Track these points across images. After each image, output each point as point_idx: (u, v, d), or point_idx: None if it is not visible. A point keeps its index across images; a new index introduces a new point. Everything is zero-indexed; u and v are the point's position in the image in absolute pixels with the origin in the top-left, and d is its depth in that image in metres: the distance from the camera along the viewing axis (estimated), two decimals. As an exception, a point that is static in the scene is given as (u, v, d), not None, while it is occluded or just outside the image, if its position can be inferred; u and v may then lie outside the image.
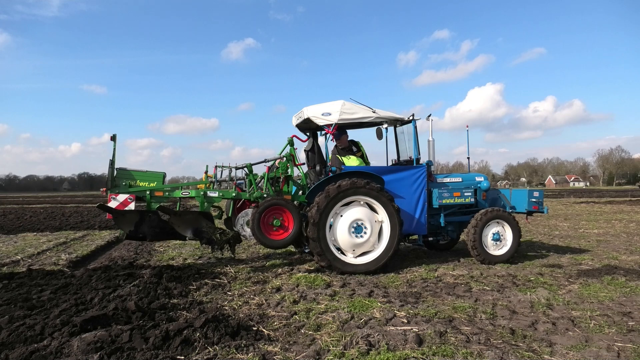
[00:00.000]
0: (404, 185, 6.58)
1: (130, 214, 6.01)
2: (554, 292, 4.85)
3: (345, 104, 6.46)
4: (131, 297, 4.31)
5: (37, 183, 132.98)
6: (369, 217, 6.09)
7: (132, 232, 6.14)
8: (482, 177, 7.46)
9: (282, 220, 5.95)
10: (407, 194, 6.58)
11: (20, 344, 3.20)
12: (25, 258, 7.23)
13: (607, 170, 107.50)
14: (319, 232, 5.85)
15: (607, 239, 9.24)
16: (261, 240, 5.89)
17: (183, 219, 6.29)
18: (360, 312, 4.11)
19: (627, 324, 3.79)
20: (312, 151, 7.11)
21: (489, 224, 6.71)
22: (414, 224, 6.62)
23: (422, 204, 6.63)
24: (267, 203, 5.88)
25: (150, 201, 6.04)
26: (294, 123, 7.29)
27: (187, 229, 6.32)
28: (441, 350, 3.16)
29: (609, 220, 13.46)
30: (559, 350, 3.24)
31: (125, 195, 5.82)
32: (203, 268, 6.15)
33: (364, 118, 6.60)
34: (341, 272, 5.89)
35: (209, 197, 6.24)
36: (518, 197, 7.42)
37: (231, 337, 3.34)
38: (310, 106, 6.64)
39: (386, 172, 6.58)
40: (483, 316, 4.04)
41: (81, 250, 8.17)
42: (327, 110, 6.43)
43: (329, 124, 6.43)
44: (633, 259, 6.86)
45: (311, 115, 6.51)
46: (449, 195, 6.79)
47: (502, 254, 6.73)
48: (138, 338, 3.19)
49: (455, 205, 7.01)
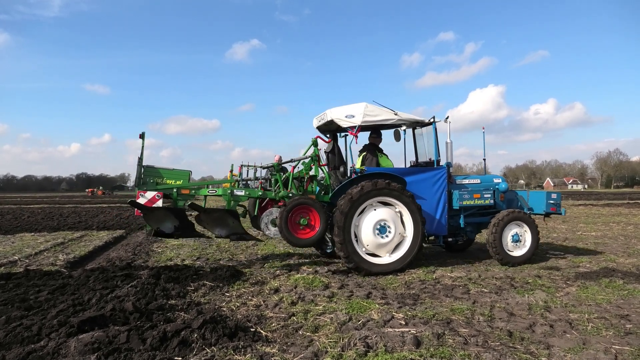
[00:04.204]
0: (425, 186, 6.68)
1: (159, 211, 6.14)
2: (551, 295, 4.86)
3: (368, 106, 6.54)
4: (129, 298, 4.31)
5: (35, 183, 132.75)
6: (392, 218, 6.20)
7: (159, 229, 6.25)
8: (499, 178, 7.57)
9: (309, 220, 6.06)
10: (428, 195, 6.68)
11: (17, 345, 3.19)
12: (23, 258, 7.22)
13: (605, 173, 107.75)
14: (345, 235, 5.96)
15: (604, 242, 9.26)
16: (288, 239, 5.98)
17: (212, 217, 6.47)
18: (358, 314, 4.11)
19: (624, 327, 3.79)
20: (332, 152, 7.26)
21: (508, 225, 6.80)
22: (435, 224, 6.70)
23: (442, 205, 6.72)
24: (294, 202, 5.98)
25: (177, 199, 6.17)
26: (315, 125, 7.42)
27: (216, 226, 6.49)
28: (439, 352, 3.16)
29: (607, 223, 13.49)
30: (556, 353, 3.24)
31: (153, 192, 5.96)
32: (201, 269, 6.14)
33: (386, 120, 6.69)
34: (368, 273, 5.99)
35: (236, 195, 6.34)
36: (536, 199, 7.55)
37: (229, 338, 3.34)
38: (334, 108, 6.74)
39: (408, 173, 6.67)
40: (481, 318, 4.04)
41: (79, 250, 8.15)
42: (351, 112, 6.52)
43: (353, 126, 6.49)
44: (631, 262, 6.87)
45: (335, 117, 6.60)
46: (469, 196, 6.92)
47: (521, 255, 6.83)
48: (135, 339, 3.18)
49: (475, 207, 7.12)
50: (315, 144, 6.43)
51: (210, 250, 8.39)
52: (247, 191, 6.49)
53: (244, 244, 8.97)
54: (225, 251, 8.20)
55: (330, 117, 6.69)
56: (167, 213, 6.20)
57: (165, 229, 6.27)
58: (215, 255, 7.78)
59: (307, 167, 6.46)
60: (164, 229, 6.26)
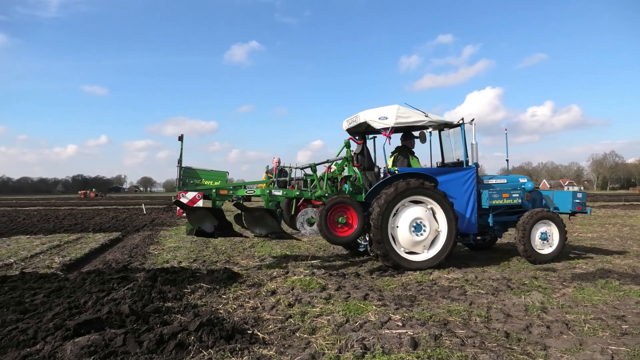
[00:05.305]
0: (455, 186, 6.84)
1: (200, 211, 6.30)
2: (548, 296, 4.87)
3: (400, 109, 6.71)
4: (125, 301, 4.28)
5: (30, 185, 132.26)
6: (426, 215, 6.39)
7: (200, 229, 6.38)
8: (525, 178, 7.76)
9: (347, 218, 6.22)
10: (459, 195, 6.83)
11: (12, 348, 3.17)
12: (19, 261, 7.17)
13: (601, 175, 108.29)
14: (383, 234, 6.16)
15: (601, 243, 9.29)
16: (327, 236, 6.16)
17: (254, 216, 6.67)
18: (355, 316, 4.10)
19: (620, 327, 3.80)
20: (361, 154, 7.43)
21: (537, 223, 6.96)
22: (465, 223, 6.88)
23: (472, 204, 6.90)
24: (333, 201, 6.15)
25: (216, 199, 6.35)
26: (345, 127, 7.66)
27: (256, 225, 6.75)
28: (436, 353, 3.16)
29: (603, 224, 13.55)
30: (553, 354, 3.25)
31: (193, 192, 6.22)
32: (198, 271, 6.12)
33: (417, 122, 6.87)
34: (406, 270, 6.21)
35: (274, 195, 6.54)
36: (561, 198, 7.73)
37: (226, 340, 3.33)
38: (366, 111, 6.95)
39: (439, 173, 6.85)
40: (478, 319, 4.05)
41: (75, 253, 8.11)
42: (384, 114, 6.70)
43: (386, 127, 6.65)
44: (627, 263, 6.90)
45: (368, 119, 6.80)
46: (499, 196, 7.10)
47: (549, 252, 7.01)
48: (132, 342, 3.17)
49: (503, 206, 7.29)
50: (348, 145, 6.67)
51: (207, 252, 8.37)
52: (285, 191, 6.70)
53: (241, 247, 8.96)
54: (222, 253, 8.19)
55: (363, 119, 6.91)
56: (207, 213, 6.36)
57: (206, 228, 6.44)
58: (212, 257, 7.76)
59: (339, 168, 6.72)
60: (204, 228, 6.43)
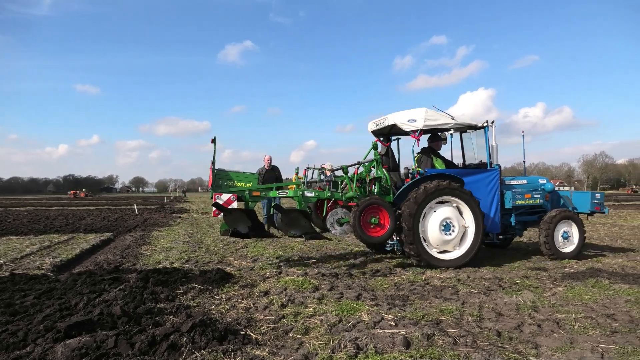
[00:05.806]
0: (480, 186, 7.02)
1: (235, 212, 6.47)
2: (539, 295, 4.92)
3: (428, 111, 6.87)
4: (117, 302, 4.25)
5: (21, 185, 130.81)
6: (454, 215, 6.57)
7: (236, 229, 6.52)
8: (544, 179, 7.98)
9: (379, 219, 6.36)
10: (483, 195, 7.01)
11: (2, 351, 3.13)
12: (8, 262, 7.09)
13: (591, 175, 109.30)
14: (414, 235, 6.33)
15: (590, 243, 9.38)
16: (360, 236, 6.36)
17: (289, 217, 6.83)
18: (348, 316, 4.11)
19: (610, 326, 3.85)
20: (386, 155, 7.56)
21: (559, 223, 7.19)
22: (489, 223, 7.04)
23: (496, 204, 7.09)
24: (366, 202, 6.29)
25: (249, 200, 6.47)
26: (371, 129, 7.83)
27: (291, 226, 6.89)
28: (428, 352, 3.18)
29: (593, 224, 13.69)
30: (544, 352, 3.28)
31: (228, 194, 6.34)
32: (190, 272, 6.09)
33: (444, 124, 7.04)
34: (437, 268, 6.37)
35: (306, 196, 6.69)
36: (580, 198, 7.98)
37: (218, 341, 3.31)
38: (394, 113, 7.12)
39: (464, 174, 7.04)
40: (470, 319, 4.07)
41: (66, 254, 8.03)
42: (412, 117, 6.87)
43: (415, 130, 6.81)
44: (616, 262, 6.98)
45: (397, 122, 6.97)
46: (521, 196, 7.30)
47: (570, 251, 7.28)
48: (124, 343, 3.15)
49: (525, 206, 7.49)
50: (376, 147, 6.78)
51: (200, 252, 8.33)
52: (317, 192, 6.84)
53: (233, 247, 8.94)
54: (214, 254, 8.15)
55: (392, 121, 7.07)
56: (242, 214, 6.48)
57: (240, 229, 6.58)
58: (205, 258, 7.72)
59: (367, 169, 6.86)
60: (240, 229, 6.56)
